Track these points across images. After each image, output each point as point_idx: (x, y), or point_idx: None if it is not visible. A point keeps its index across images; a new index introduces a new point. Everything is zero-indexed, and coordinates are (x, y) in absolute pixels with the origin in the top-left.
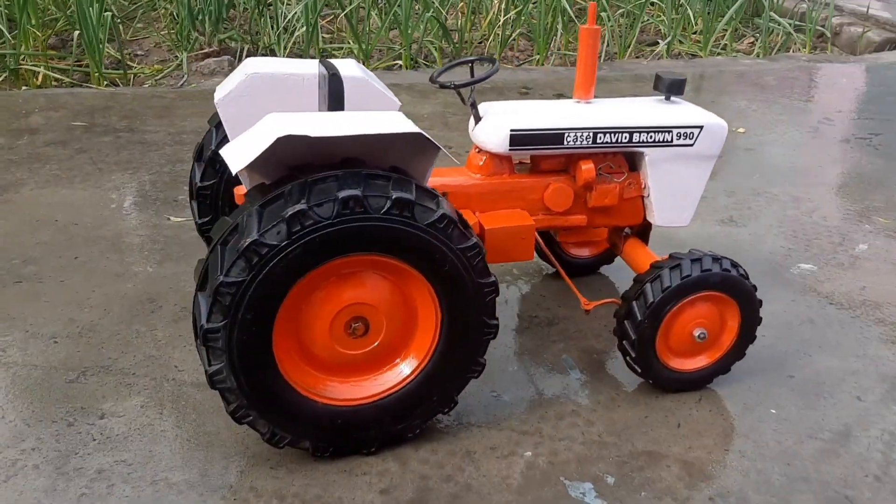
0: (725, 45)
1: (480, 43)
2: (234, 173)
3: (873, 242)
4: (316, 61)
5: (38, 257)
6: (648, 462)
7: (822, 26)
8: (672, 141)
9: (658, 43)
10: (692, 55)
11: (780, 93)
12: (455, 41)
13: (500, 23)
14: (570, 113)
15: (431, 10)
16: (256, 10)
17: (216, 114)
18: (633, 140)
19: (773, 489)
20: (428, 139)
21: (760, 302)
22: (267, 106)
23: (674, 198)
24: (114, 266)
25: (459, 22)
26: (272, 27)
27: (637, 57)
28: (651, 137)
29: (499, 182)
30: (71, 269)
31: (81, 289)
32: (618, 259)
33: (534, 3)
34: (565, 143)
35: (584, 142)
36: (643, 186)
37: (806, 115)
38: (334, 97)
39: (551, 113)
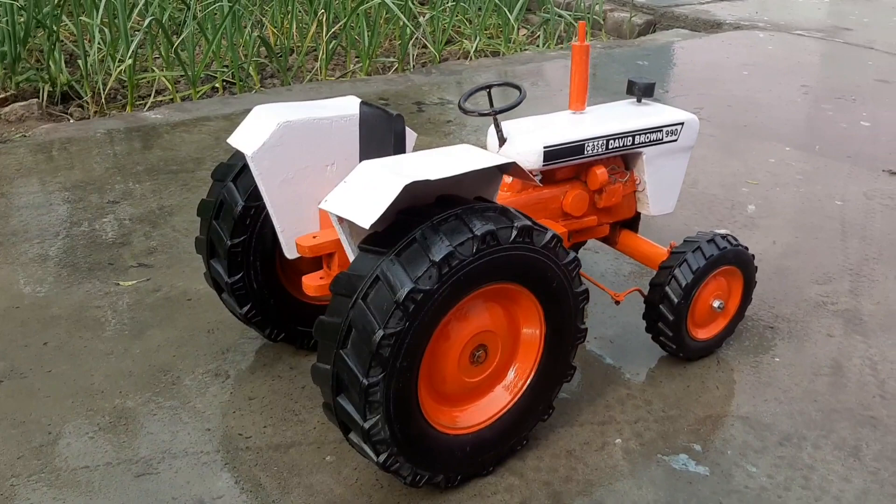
0: (514, 39)
1: (290, 53)
2: (367, 227)
3: (756, 202)
4: (341, 101)
5: (2, 351)
6: (715, 425)
7: (590, 14)
8: (663, 139)
9: (462, 42)
10: (493, 52)
11: (601, 80)
12: (279, 58)
13: (325, 38)
14: (582, 124)
15: (250, 25)
16: (50, 48)
17: (224, 168)
18: (635, 142)
19: (818, 424)
20: (521, 168)
21: (756, 268)
22: (300, 154)
23: (665, 189)
24: (95, 345)
25: (281, 40)
26: (77, 64)
27: (442, 61)
28: (648, 138)
29: (527, 196)
30: (49, 357)
31: (77, 376)
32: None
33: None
34: (585, 152)
35: (600, 149)
36: (637, 182)
37: None
38: (399, 138)
39: (569, 126)
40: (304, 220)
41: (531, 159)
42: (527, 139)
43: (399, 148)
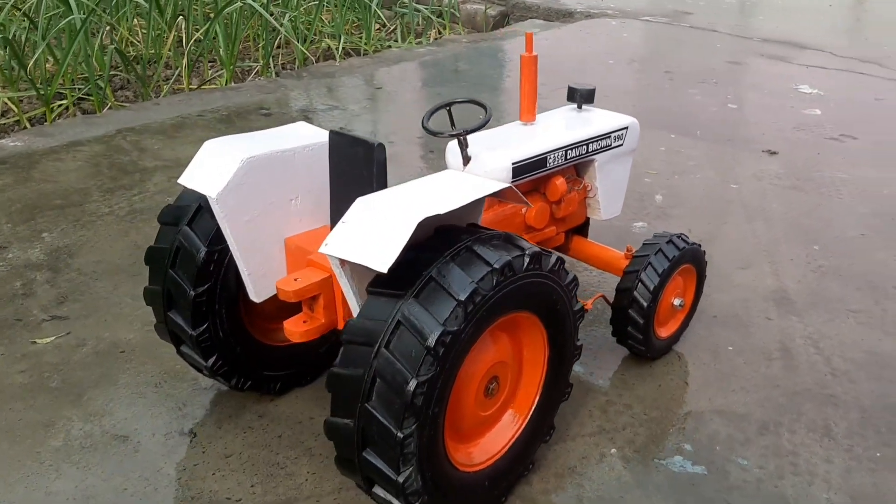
0: (372, 36)
1: (158, 64)
2: (384, 270)
3: (661, 192)
4: (291, 129)
5: None
6: (697, 422)
7: (444, 7)
8: (611, 144)
9: (320, 42)
10: (354, 50)
11: (479, 76)
12: (139, 70)
13: (186, 46)
14: (539, 136)
15: (100, 37)
16: None
17: (175, 211)
18: (589, 150)
19: (787, 408)
20: (515, 191)
21: (706, 262)
22: (265, 191)
23: (614, 193)
24: (30, 416)
25: (138, 50)
26: None
27: (305, 62)
28: (599, 144)
29: (493, 213)
30: None
31: (20, 455)
32: None
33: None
34: (548, 164)
35: (560, 161)
36: (589, 188)
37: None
38: (381, 169)
39: (529, 139)
40: (271, 259)
41: (501, 177)
42: (493, 156)
43: (382, 179)
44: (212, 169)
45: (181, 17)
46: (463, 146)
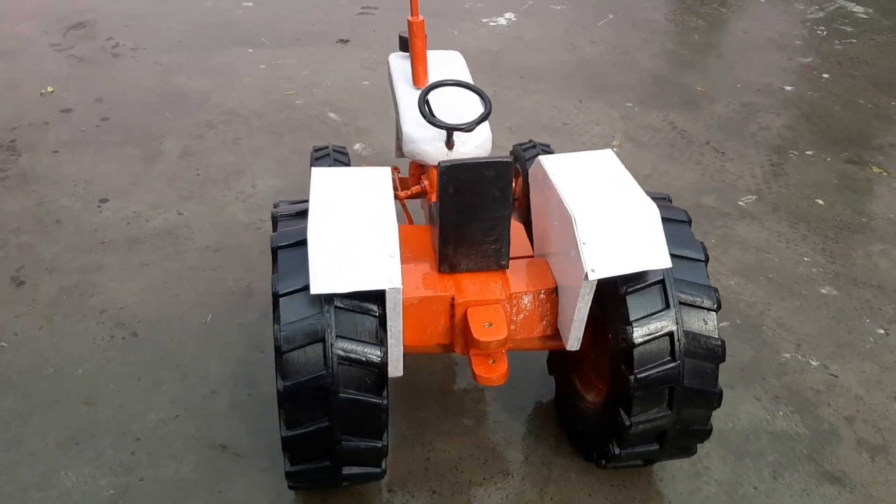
0: None
1: None
2: (670, 265)
3: (334, 109)
4: (348, 176)
5: None
6: None
7: None
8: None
9: None
10: None
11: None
12: None
13: None
14: (465, 93)
15: None
16: None
17: (301, 330)
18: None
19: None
20: None
21: None
22: None
23: None
24: None
25: None
26: None
27: None
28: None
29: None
30: None
31: None
32: None
33: None
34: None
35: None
36: None
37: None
38: (510, 184)
39: (466, 101)
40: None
41: (487, 147)
42: (475, 131)
43: (510, 195)
44: (364, 259)
45: None
46: (453, 133)
